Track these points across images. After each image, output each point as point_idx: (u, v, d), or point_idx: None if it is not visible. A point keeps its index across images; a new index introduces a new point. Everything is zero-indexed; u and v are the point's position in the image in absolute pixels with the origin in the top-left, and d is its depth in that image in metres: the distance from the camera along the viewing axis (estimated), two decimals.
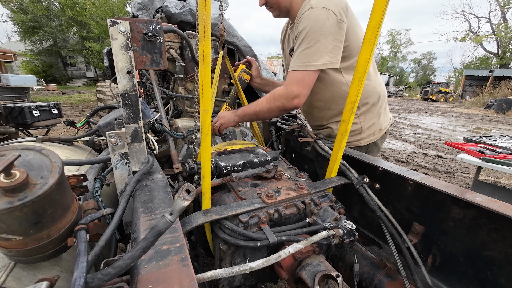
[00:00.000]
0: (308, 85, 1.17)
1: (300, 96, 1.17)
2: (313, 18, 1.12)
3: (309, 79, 1.16)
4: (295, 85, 1.16)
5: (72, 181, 0.66)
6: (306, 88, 1.17)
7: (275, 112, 1.27)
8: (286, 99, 1.19)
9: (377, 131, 1.42)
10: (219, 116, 1.39)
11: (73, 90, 18.01)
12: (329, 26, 1.10)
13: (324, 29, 1.10)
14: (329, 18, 1.10)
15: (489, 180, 3.95)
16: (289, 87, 1.18)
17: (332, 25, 1.10)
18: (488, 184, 2.90)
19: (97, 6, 16.57)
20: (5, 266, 0.53)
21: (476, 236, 0.77)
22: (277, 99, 1.22)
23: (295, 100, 1.18)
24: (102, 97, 7.37)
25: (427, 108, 16.08)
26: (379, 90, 1.37)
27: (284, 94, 1.19)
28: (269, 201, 0.86)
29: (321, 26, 1.10)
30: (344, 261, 1.03)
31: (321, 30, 1.10)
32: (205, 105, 0.68)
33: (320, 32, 1.10)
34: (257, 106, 1.29)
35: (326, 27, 1.10)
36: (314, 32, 1.11)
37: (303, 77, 1.15)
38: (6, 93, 6.67)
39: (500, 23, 25.55)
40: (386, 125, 1.47)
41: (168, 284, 0.41)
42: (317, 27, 1.10)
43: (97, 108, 1.88)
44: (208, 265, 1.90)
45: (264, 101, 1.26)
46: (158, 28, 0.78)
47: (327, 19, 1.10)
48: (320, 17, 1.10)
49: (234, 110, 1.39)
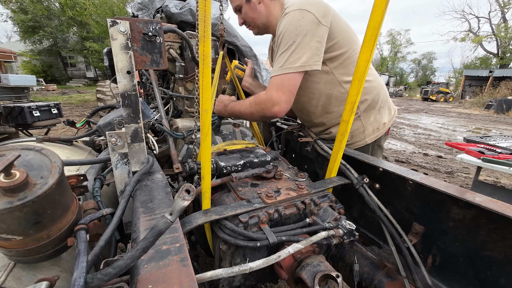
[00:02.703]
0: (289, 90, 1.10)
1: (280, 102, 1.10)
2: (287, 21, 1.09)
3: (289, 83, 1.10)
4: (274, 90, 1.11)
5: (72, 181, 0.65)
6: (286, 93, 1.10)
7: (256, 118, 1.24)
8: (265, 105, 1.13)
9: (381, 125, 1.39)
10: (218, 101, 1.38)
11: (73, 90, 18.01)
12: (305, 25, 1.06)
13: (299, 29, 1.06)
14: (304, 18, 1.06)
15: (489, 180, 3.95)
16: (268, 93, 1.12)
17: (308, 23, 1.06)
18: (488, 184, 2.90)
19: (97, 6, 16.59)
20: (5, 266, 0.53)
21: (476, 236, 0.77)
22: (257, 103, 1.16)
23: (275, 108, 1.11)
24: (102, 97, 7.37)
25: (427, 108, 16.08)
26: (375, 84, 1.34)
27: (263, 100, 1.14)
28: (269, 201, 0.86)
29: (296, 26, 1.06)
30: (344, 261, 1.03)
31: (296, 31, 1.06)
32: (205, 105, 0.68)
33: (295, 32, 1.06)
34: (242, 106, 1.25)
35: (302, 26, 1.06)
36: (289, 34, 1.07)
37: (282, 81, 1.09)
38: (6, 93, 6.67)
39: (500, 23, 25.59)
40: (389, 119, 1.43)
41: (168, 284, 0.41)
42: (291, 28, 1.07)
43: (97, 108, 1.88)
44: (208, 265, 1.90)
45: (247, 103, 1.22)
46: (158, 28, 0.78)
47: (302, 18, 1.06)
48: (294, 18, 1.07)
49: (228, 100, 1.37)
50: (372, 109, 1.35)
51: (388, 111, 1.45)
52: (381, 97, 1.37)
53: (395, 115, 1.49)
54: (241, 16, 1.36)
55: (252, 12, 1.30)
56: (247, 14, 1.32)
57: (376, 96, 1.34)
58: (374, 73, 1.38)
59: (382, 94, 1.37)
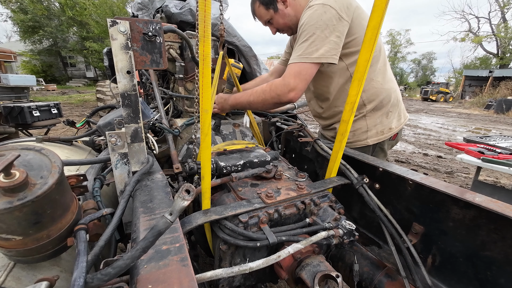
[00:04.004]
0: (305, 79, 1.15)
1: (296, 89, 1.14)
2: (309, 14, 1.12)
3: (306, 72, 1.13)
4: (292, 77, 1.14)
5: (71, 181, 0.65)
6: (303, 81, 1.14)
7: (269, 104, 1.25)
8: (282, 91, 1.16)
9: (386, 130, 1.38)
10: (217, 98, 1.39)
11: (73, 90, 18.01)
12: (326, 19, 1.09)
13: (320, 22, 1.09)
14: (326, 12, 1.09)
15: (489, 180, 3.95)
16: (286, 79, 1.15)
17: (329, 19, 1.09)
18: (487, 184, 2.90)
19: (97, 6, 16.58)
20: (4, 266, 0.53)
21: (475, 236, 0.77)
22: (273, 90, 1.19)
23: (291, 93, 1.15)
24: (102, 97, 7.37)
25: (427, 108, 16.08)
26: (387, 87, 1.33)
27: (281, 85, 1.16)
28: (269, 201, 0.86)
29: (317, 20, 1.09)
30: (344, 261, 1.03)
31: (317, 24, 1.09)
32: (205, 105, 0.68)
33: (316, 25, 1.09)
34: (251, 95, 1.26)
35: (323, 20, 1.09)
36: (310, 26, 1.11)
37: (301, 70, 1.13)
38: (5, 93, 6.67)
39: (500, 23, 25.57)
40: (397, 125, 1.42)
41: (168, 284, 0.41)
42: (313, 21, 1.10)
43: (97, 108, 1.88)
44: (208, 265, 1.90)
45: (260, 90, 1.23)
46: (158, 28, 0.78)
47: (324, 13, 1.09)
48: (317, 12, 1.10)
49: (227, 97, 1.37)
50: (379, 111, 1.34)
51: (398, 117, 1.44)
52: (391, 101, 1.36)
53: (405, 122, 1.49)
54: (273, 27, 1.40)
55: (282, 19, 1.34)
56: (279, 22, 1.35)
57: (385, 98, 1.33)
58: (390, 77, 1.38)
59: (393, 98, 1.37)
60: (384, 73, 1.34)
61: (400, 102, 1.45)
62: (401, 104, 1.46)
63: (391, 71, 1.42)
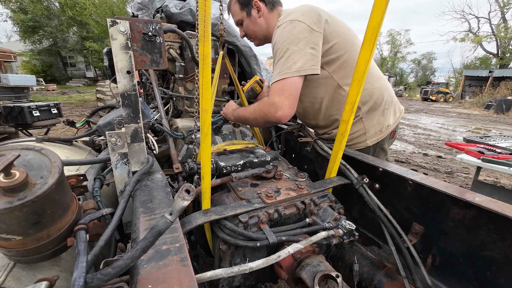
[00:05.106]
0: (291, 94, 1.10)
1: (283, 107, 1.10)
2: (279, 32, 1.13)
3: (290, 87, 1.10)
4: (276, 95, 1.11)
5: (71, 181, 0.65)
6: (288, 97, 1.10)
7: (260, 123, 1.24)
8: (269, 110, 1.13)
9: (385, 128, 1.37)
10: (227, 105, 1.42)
11: (73, 90, 18.00)
12: (297, 33, 1.09)
13: (292, 37, 1.09)
14: (296, 27, 1.09)
15: (489, 180, 3.95)
16: (271, 98, 1.12)
17: (300, 31, 1.09)
18: (487, 184, 2.91)
19: (97, 6, 16.58)
20: (4, 266, 0.53)
21: (475, 236, 0.77)
22: (261, 109, 1.16)
23: (278, 113, 1.10)
24: (102, 97, 7.37)
25: (427, 108, 16.09)
26: (379, 86, 1.33)
27: (267, 105, 1.13)
28: (269, 201, 0.86)
29: (288, 36, 1.09)
30: (343, 261, 1.03)
31: (289, 39, 1.09)
32: (205, 105, 0.68)
33: (288, 41, 1.09)
34: (246, 112, 1.26)
35: (294, 34, 1.09)
36: (283, 43, 1.10)
37: (283, 86, 1.10)
38: (5, 93, 6.67)
39: (500, 23, 25.57)
40: (394, 120, 1.41)
41: (168, 284, 0.41)
42: (284, 38, 1.10)
43: (96, 108, 1.88)
44: (208, 265, 1.90)
45: (252, 109, 1.23)
46: (158, 28, 0.78)
47: (293, 28, 1.09)
48: (286, 28, 1.11)
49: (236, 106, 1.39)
50: (375, 111, 1.34)
51: (393, 112, 1.43)
52: (385, 99, 1.35)
53: (401, 116, 1.47)
54: (242, 29, 1.41)
55: (253, 26, 1.35)
56: (248, 27, 1.36)
57: (379, 97, 1.32)
58: (378, 74, 1.37)
59: (386, 96, 1.35)
60: (370, 73, 1.32)
61: (393, 98, 1.43)
62: (394, 98, 1.44)
63: (378, 69, 1.41)
